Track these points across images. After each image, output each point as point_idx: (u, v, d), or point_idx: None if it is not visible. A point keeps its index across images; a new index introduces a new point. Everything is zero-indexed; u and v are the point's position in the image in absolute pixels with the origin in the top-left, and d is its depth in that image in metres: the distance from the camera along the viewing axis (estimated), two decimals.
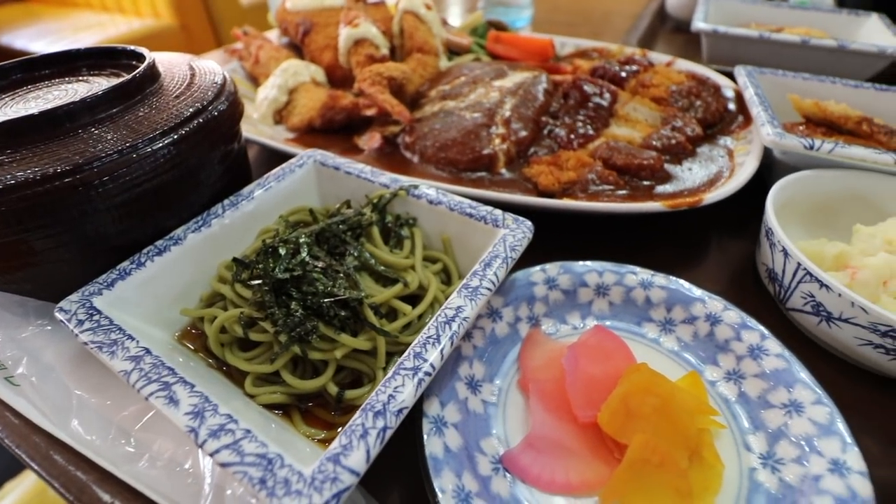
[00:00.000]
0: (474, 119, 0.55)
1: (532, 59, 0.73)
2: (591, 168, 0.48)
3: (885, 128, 0.58)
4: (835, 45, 0.78)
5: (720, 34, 0.84)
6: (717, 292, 0.43)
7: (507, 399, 0.35)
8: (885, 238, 0.43)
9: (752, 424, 0.33)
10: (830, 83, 0.65)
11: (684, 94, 0.59)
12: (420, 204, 0.43)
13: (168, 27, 2.42)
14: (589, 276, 0.41)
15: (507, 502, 0.30)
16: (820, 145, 0.47)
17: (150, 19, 2.47)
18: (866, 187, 0.48)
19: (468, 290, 0.33)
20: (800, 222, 0.49)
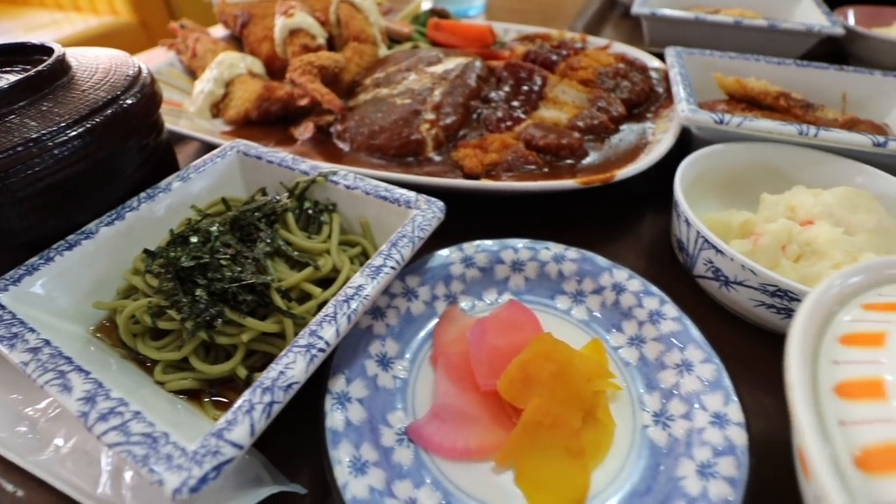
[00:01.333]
0: (404, 106, 0.56)
1: (472, 46, 0.74)
2: (513, 149, 0.49)
3: (802, 101, 0.60)
4: (765, 25, 0.81)
5: (658, 17, 0.85)
6: (636, 265, 0.45)
7: (419, 374, 0.36)
8: (787, 205, 0.45)
9: (648, 385, 0.35)
10: (755, 61, 0.67)
11: (611, 75, 0.60)
12: (339, 190, 0.43)
13: (127, 24, 2.36)
14: (505, 254, 0.42)
15: (409, 470, 0.31)
16: (729, 120, 0.49)
17: (108, 17, 2.40)
18: (776, 158, 0.50)
19: (371, 269, 0.34)
20: (715, 194, 0.51)
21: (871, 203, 0.42)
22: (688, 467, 0.29)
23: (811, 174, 0.49)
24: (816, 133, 0.48)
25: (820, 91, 0.66)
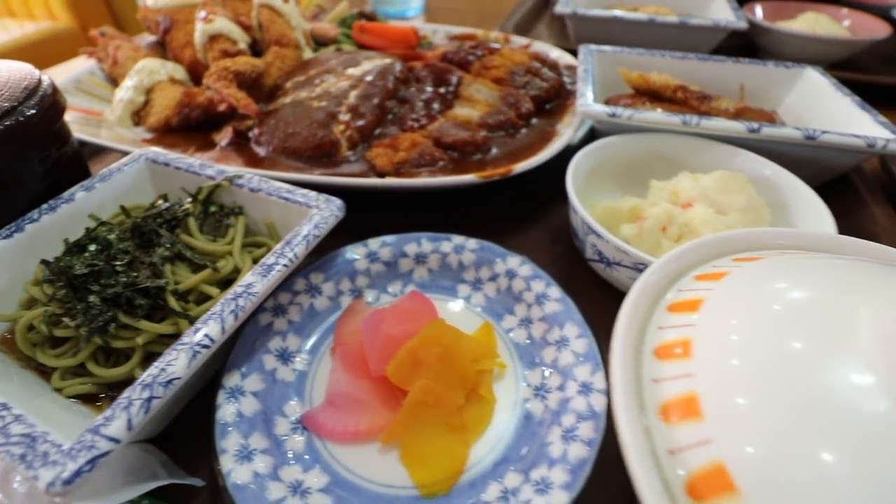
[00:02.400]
0: (320, 108, 0.57)
1: (396, 47, 0.75)
2: (421, 148, 0.51)
3: (698, 93, 0.64)
4: (677, 22, 0.85)
5: (578, 16, 0.89)
6: (540, 252, 0.48)
7: (319, 366, 0.38)
8: (671, 190, 0.48)
9: (532, 362, 0.38)
10: (660, 56, 0.71)
11: (522, 73, 0.63)
12: (244, 193, 0.44)
13: (66, 30, 2.27)
14: (408, 247, 0.44)
15: (299, 456, 0.32)
16: (621, 113, 0.53)
17: (46, 22, 2.31)
18: (667, 147, 0.54)
19: (263, 267, 0.35)
20: (615, 182, 0.55)
21: (743, 184, 0.46)
22: (555, 433, 0.32)
23: (699, 160, 0.53)
24: (698, 122, 0.52)
25: (721, 82, 0.70)
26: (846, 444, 0.18)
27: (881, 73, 0.90)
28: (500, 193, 0.57)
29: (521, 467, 0.31)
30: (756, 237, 0.31)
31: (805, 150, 0.52)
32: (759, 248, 0.31)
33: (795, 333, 0.21)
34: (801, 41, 0.86)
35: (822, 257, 0.28)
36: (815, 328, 0.21)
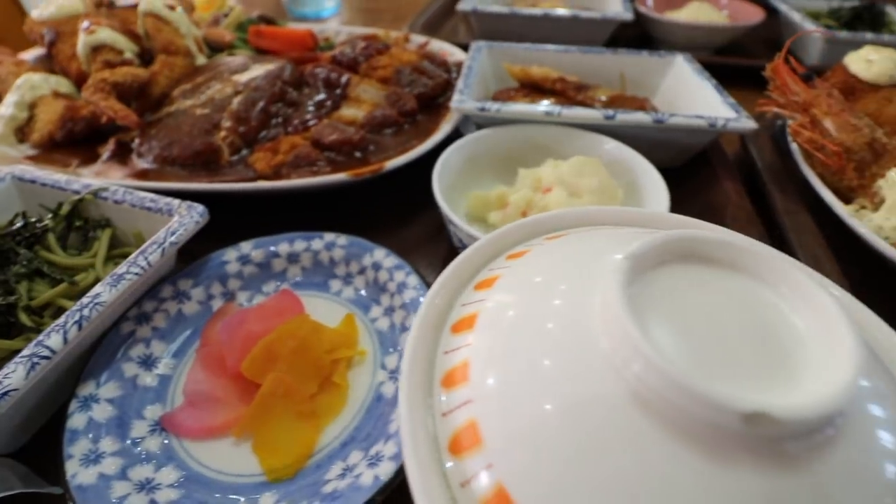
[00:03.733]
0: (203, 115, 0.57)
1: (294, 51, 0.76)
2: (298, 149, 0.52)
3: (576, 84, 0.68)
4: (569, 15, 0.90)
5: (478, 13, 0.92)
6: (419, 244, 0.50)
7: (185, 369, 0.39)
8: (534, 177, 0.51)
9: (391, 348, 0.40)
10: (546, 50, 0.75)
11: (409, 72, 0.65)
12: (110, 205, 0.44)
13: None
14: (280, 247, 0.46)
15: (153, 455, 0.34)
16: (490, 107, 0.55)
17: None
18: (540, 136, 0.57)
19: (113, 277, 0.36)
20: (493, 173, 0.58)
21: (596, 168, 0.50)
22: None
23: (568, 147, 0.57)
24: (560, 112, 0.55)
25: (604, 73, 0.75)
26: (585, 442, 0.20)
27: (762, 56, 0.98)
28: (390, 190, 0.59)
29: (364, 445, 0.33)
30: (565, 217, 0.34)
31: (662, 134, 0.56)
32: (566, 227, 0.34)
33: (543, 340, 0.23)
34: (685, 30, 0.92)
35: (594, 236, 0.31)
36: (561, 324, 0.23)
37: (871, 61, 0.56)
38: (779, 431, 0.17)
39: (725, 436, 0.18)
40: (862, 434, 0.19)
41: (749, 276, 0.23)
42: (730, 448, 0.18)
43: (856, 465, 0.19)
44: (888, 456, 0.19)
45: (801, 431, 0.18)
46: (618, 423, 0.20)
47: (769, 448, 0.18)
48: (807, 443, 0.18)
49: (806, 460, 0.18)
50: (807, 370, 0.20)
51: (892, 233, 0.44)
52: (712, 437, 0.18)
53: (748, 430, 0.18)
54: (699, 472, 0.18)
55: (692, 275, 0.23)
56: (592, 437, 0.20)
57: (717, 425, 0.18)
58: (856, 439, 0.19)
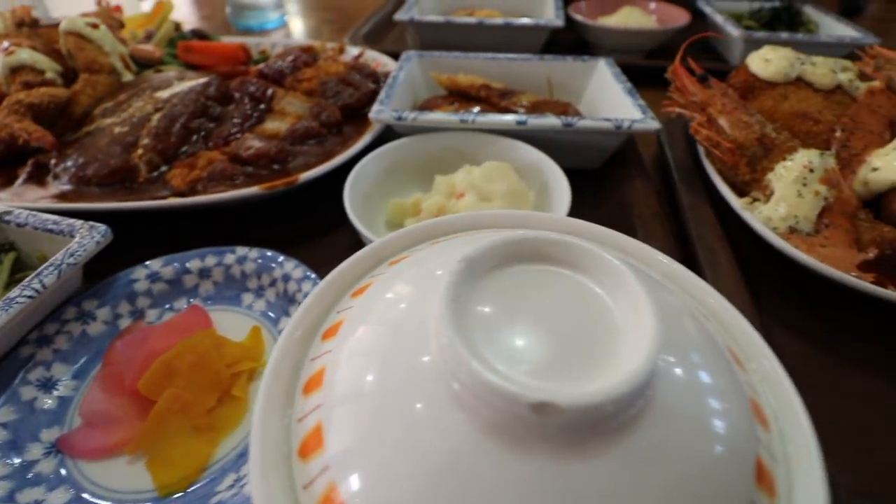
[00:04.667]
0: (121, 133, 0.57)
1: (225, 65, 0.76)
2: (214, 165, 0.53)
3: (501, 90, 0.70)
4: (502, 24, 0.92)
5: (414, 22, 0.94)
6: (340, 255, 0.50)
7: (87, 390, 0.39)
8: (449, 183, 0.53)
9: None
10: (473, 58, 0.76)
11: (334, 84, 0.66)
12: (13, 229, 0.44)
13: None
14: (192, 263, 0.46)
15: (45, 477, 0.33)
16: (406, 116, 0.57)
17: None
18: (459, 143, 0.59)
19: (4, 302, 0.36)
20: (417, 180, 0.59)
21: (506, 172, 0.52)
22: None
23: (485, 153, 0.58)
24: (474, 119, 0.57)
25: (532, 79, 0.77)
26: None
27: (692, 57, 1.01)
28: (315, 202, 0.59)
29: None
30: (454, 222, 0.36)
31: (574, 137, 0.58)
32: (456, 231, 0.35)
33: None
34: (615, 34, 0.95)
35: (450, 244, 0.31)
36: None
37: (769, 60, 0.59)
38: (568, 419, 0.19)
39: (525, 426, 0.19)
40: (663, 417, 0.21)
41: (580, 272, 0.25)
42: (530, 438, 0.19)
43: (652, 449, 0.20)
44: (687, 441, 0.21)
45: (592, 418, 0.19)
46: (436, 420, 0.21)
47: (565, 435, 0.19)
48: (604, 428, 0.20)
49: (603, 446, 0.19)
50: (613, 360, 0.21)
51: (779, 223, 0.46)
52: (514, 428, 0.19)
53: (540, 420, 0.19)
54: (503, 461, 0.19)
55: (529, 274, 0.25)
56: (412, 435, 0.21)
57: (517, 416, 0.19)
58: (656, 423, 0.20)
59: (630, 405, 0.20)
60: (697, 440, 0.21)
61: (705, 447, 0.21)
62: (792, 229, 0.46)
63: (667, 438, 0.20)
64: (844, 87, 0.58)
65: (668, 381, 0.22)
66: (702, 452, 0.21)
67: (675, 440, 0.20)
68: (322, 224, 0.57)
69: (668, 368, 0.22)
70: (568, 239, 0.25)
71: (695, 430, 0.21)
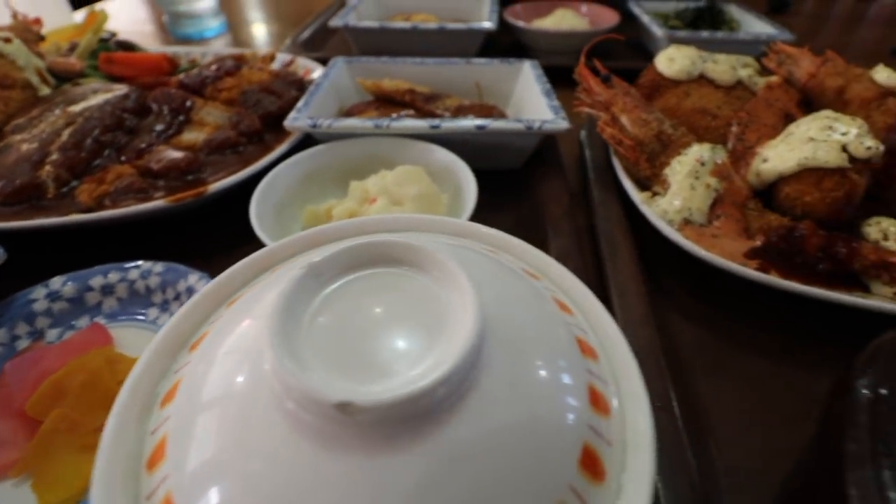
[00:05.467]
0: (29, 150, 0.56)
1: (148, 75, 0.75)
2: (122, 179, 0.52)
3: (425, 95, 0.71)
4: (436, 28, 0.93)
5: (349, 28, 0.94)
6: None
7: None
8: (363, 188, 0.53)
9: None
10: (401, 63, 0.77)
11: (256, 92, 0.66)
12: None
13: None
14: (94, 280, 0.45)
15: None
16: (321, 123, 0.57)
17: None
18: (379, 148, 0.59)
19: None
20: (337, 186, 0.59)
21: (417, 176, 0.52)
22: None
23: (402, 157, 0.58)
24: (389, 124, 0.57)
25: (461, 82, 0.78)
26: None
27: (624, 57, 1.04)
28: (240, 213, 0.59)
29: None
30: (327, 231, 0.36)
31: (493, 138, 0.60)
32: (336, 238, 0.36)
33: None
34: (547, 37, 0.98)
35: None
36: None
37: (673, 59, 0.61)
38: (373, 417, 0.19)
39: (341, 427, 0.20)
40: (484, 408, 0.22)
41: (419, 272, 0.26)
42: (345, 437, 0.20)
43: (469, 440, 0.21)
44: (506, 430, 0.21)
45: (399, 414, 0.20)
46: (261, 425, 0.21)
47: (378, 432, 0.20)
48: (418, 422, 0.20)
49: (417, 439, 0.20)
50: (429, 357, 0.22)
51: (675, 215, 0.48)
52: (329, 429, 0.20)
53: (349, 419, 0.20)
54: (319, 460, 0.20)
55: (370, 278, 0.26)
56: (241, 441, 0.21)
57: (330, 417, 0.20)
58: (475, 414, 0.21)
59: (440, 399, 0.21)
60: (517, 429, 0.22)
61: (524, 436, 0.22)
62: (686, 221, 0.48)
63: (485, 429, 0.21)
64: (745, 82, 0.61)
65: (493, 372, 0.23)
66: (520, 441, 0.22)
67: (494, 430, 0.21)
68: (239, 235, 0.57)
69: (496, 359, 0.23)
70: (405, 241, 0.26)
71: (516, 420, 0.22)
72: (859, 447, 0.21)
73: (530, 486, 0.21)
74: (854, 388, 0.24)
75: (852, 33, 1.43)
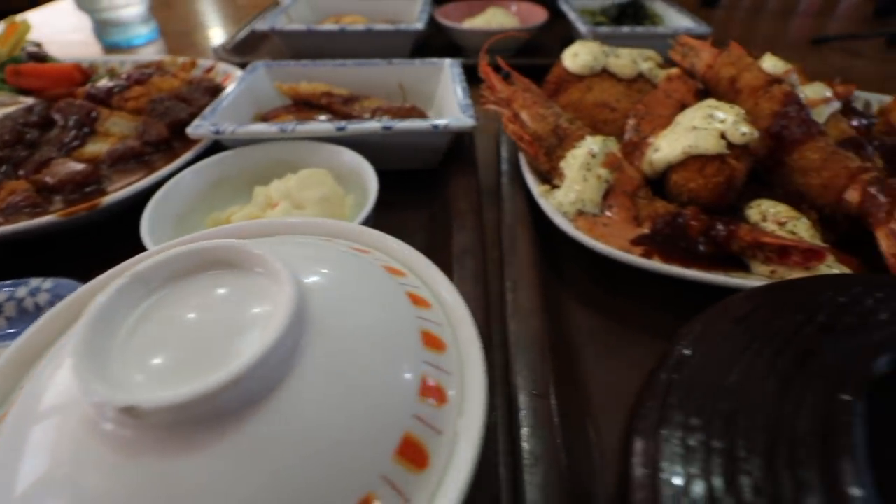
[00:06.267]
0: None
1: (59, 87, 0.73)
2: (15, 194, 0.51)
3: (343, 97, 0.71)
4: (364, 30, 0.93)
5: (276, 32, 0.94)
6: None
7: None
8: (266, 193, 0.53)
9: None
10: (322, 66, 0.77)
11: (165, 100, 0.65)
12: None
13: None
14: None
15: None
16: (224, 129, 0.57)
17: None
18: (287, 153, 0.59)
19: None
20: (245, 193, 0.59)
21: (322, 179, 0.53)
22: None
23: (312, 160, 0.58)
24: (294, 128, 0.57)
25: (384, 84, 0.78)
26: None
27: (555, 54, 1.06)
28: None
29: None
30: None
31: (403, 138, 0.60)
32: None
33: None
34: (477, 35, 0.99)
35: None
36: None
37: (577, 55, 0.63)
38: (160, 420, 0.20)
39: (139, 432, 0.20)
40: (286, 407, 0.22)
41: (247, 274, 0.26)
42: (141, 441, 0.20)
43: (272, 437, 0.21)
44: (309, 430, 0.22)
45: (193, 415, 0.20)
46: (66, 432, 0.21)
47: (174, 434, 0.20)
48: (217, 422, 0.21)
49: (215, 439, 0.20)
50: (236, 357, 0.22)
51: (569, 207, 0.50)
52: (129, 435, 0.20)
53: (140, 422, 0.20)
54: (115, 466, 0.20)
55: (201, 283, 0.26)
56: (52, 454, 0.21)
57: (122, 422, 0.20)
58: (277, 413, 0.22)
59: (240, 397, 0.21)
60: (329, 423, 0.22)
61: (336, 429, 0.22)
62: (580, 212, 0.49)
63: (294, 424, 0.22)
64: (646, 75, 0.63)
65: (310, 367, 0.23)
66: (331, 434, 0.22)
67: (304, 425, 0.22)
68: (140, 247, 0.56)
69: (316, 354, 0.23)
70: (233, 244, 0.26)
71: (329, 414, 0.22)
72: (648, 415, 0.22)
73: (338, 479, 0.21)
74: (664, 356, 0.25)
75: (781, 24, 1.49)
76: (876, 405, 0.20)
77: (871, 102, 0.74)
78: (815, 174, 0.50)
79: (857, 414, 0.19)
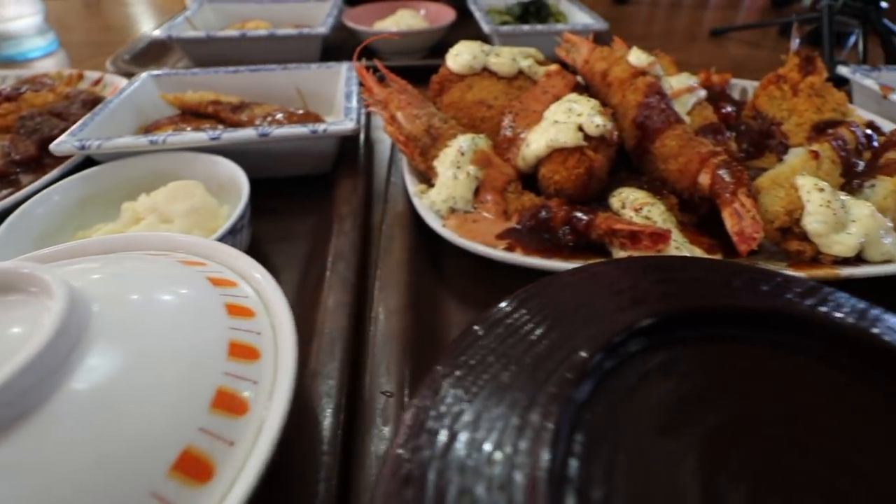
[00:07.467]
0: None
1: None
2: None
3: (230, 105, 0.70)
4: (266, 34, 0.92)
5: (173, 39, 0.91)
6: None
7: None
8: (133, 209, 0.51)
9: None
10: (213, 73, 0.75)
11: (36, 117, 0.62)
12: None
13: None
14: None
15: None
16: (90, 144, 0.55)
17: None
18: (163, 165, 0.57)
19: None
20: (118, 209, 0.57)
21: (191, 190, 0.51)
22: None
23: (188, 172, 0.56)
24: (165, 140, 0.56)
25: (281, 89, 0.77)
26: None
27: None
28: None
29: None
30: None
31: (288, 145, 0.59)
32: None
33: None
34: (386, 38, 0.99)
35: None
36: None
37: (458, 55, 0.64)
38: None
39: None
40: (46, 426, 0.21)
41: (30, 296, 0.25)
42: None
43: (18, 461, 0.21)
44: (70, 448, 0.21)
45: None
46: None
47: None
48: None
49: None
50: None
51: (441, 205, 0.50)
52: None
53: None
54: None
55: None
56: None
57: None
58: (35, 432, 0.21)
59: None
60: (93, 440, 0.22)
61: (101, 446, 0.22)
62: (452, 209, 0.50)
63: (53, 442, 0.21)
64: (526, 72, 0.65)
65: (83, 382, 0.22)
66: (95, 451, 0.22)
67: (63, 443, 0.21)
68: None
69: (94, 369, 0.23)
70: (11, 267, 0.25)
71: (94, 431, 0.22)
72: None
73: (101, 498, 0.21)
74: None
75: (692, 18, 1.56)
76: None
77: (748, 89, 0.79)
78: (673, 160, 0.53)
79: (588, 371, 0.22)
